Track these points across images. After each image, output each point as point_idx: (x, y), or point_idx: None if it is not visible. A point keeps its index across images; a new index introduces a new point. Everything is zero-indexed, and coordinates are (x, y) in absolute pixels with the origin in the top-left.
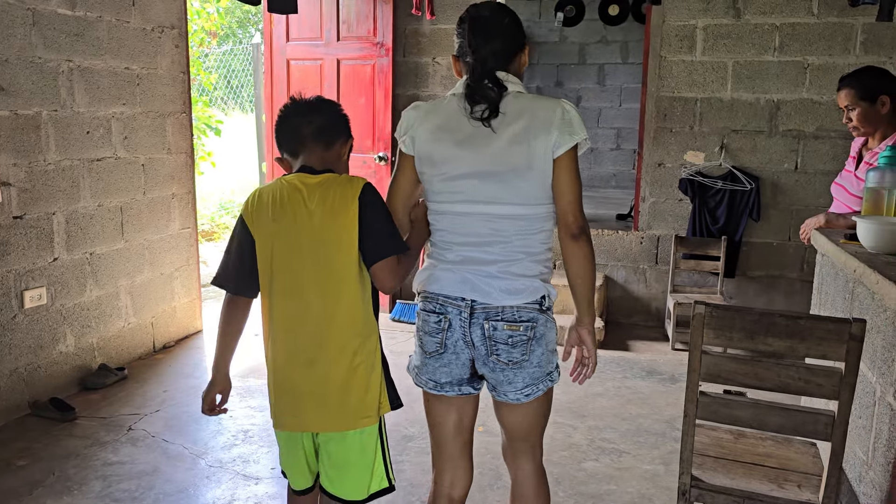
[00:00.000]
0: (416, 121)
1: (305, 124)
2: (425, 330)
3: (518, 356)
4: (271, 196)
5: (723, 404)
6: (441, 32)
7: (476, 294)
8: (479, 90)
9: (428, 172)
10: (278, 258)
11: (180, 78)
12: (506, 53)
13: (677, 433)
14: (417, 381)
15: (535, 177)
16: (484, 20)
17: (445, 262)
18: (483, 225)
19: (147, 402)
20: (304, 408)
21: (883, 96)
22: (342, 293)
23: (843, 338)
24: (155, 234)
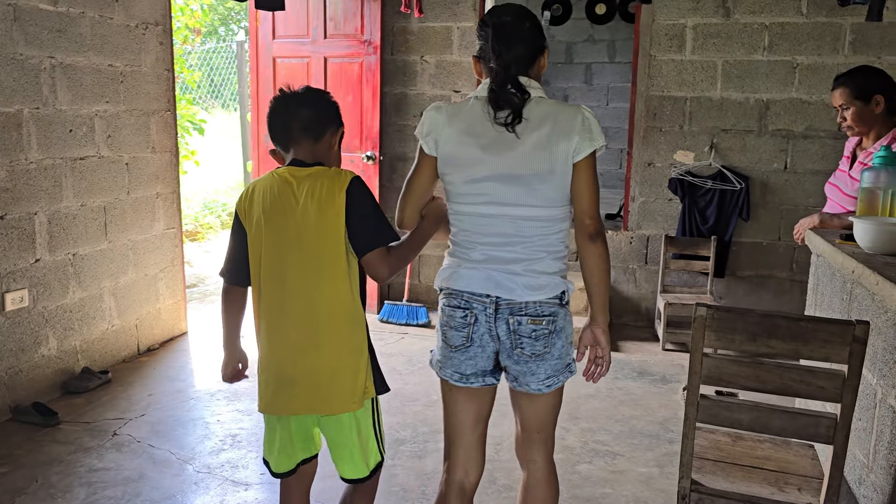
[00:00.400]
0: (439, 123)
1: (294, 118)
2: (450, 325)
3: (541, 349)
4: (263, 190)
5: (724, 407)
6: (429, 30)
7: (500, 291)
8: (503, 96)
9: (452, 175)
10: (268, 250)
11: (165, 75)
12: (527, 58)
13: (671, 435)
14: (441, 373)
15: (556, 180)
16: (507, 25)
17: (470, 261)
18: (507, 225)
19: (132, 406)
20: (295, 393)
21: (877, 96)
22: (330, 283)
23: (846, 340)
24: (139, 234)
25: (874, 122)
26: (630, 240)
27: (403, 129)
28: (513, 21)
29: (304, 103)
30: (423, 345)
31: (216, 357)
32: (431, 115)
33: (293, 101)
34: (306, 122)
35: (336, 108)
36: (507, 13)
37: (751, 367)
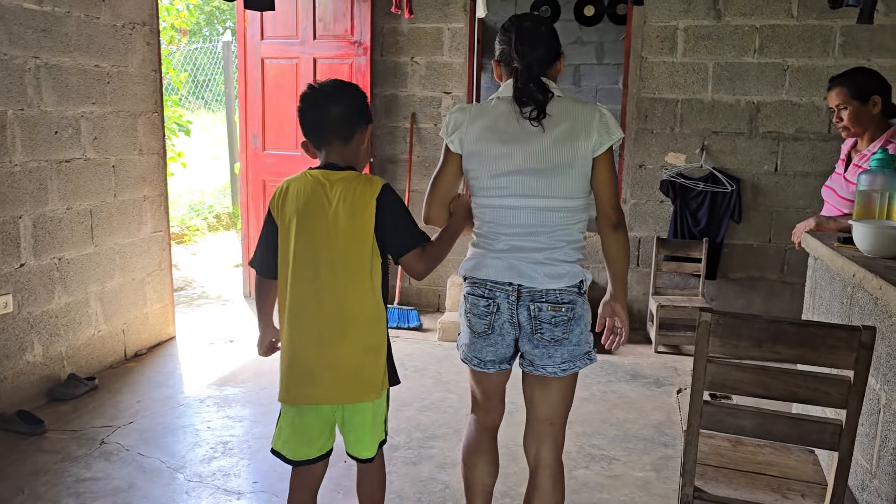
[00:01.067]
0: (464, 122)
1: (323, 119)
2: (474, 312)
3: (560, 334)
4: (296, 190)
5: (728, 413)
6: (420, 31)
7: (522, 279)
8: (528, 93)
9: (476, 170)
10: (299, 247)
11: (152, 76)
12: (547, 60)
13: (666, 438)
14: (465, 357)
15: (577, 173)
16: (528, 30)
17: (493, 251)
18: (529, 216)
19: (120, 413)
20: (319, 384)
21: (875, 96)
22: (356, 282)
23: (852, 346)
24: (126, 237)
25: (870, 123)
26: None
27: (394, 131)
28: (532, 26)
29: (332, 100)
30: (415, 348)
31: (205, 362)
32: (456, 115)
33: (322, 98)
34: (336, 122)
35: (365, 103)
36: (527, 19)
37: (755, 374)
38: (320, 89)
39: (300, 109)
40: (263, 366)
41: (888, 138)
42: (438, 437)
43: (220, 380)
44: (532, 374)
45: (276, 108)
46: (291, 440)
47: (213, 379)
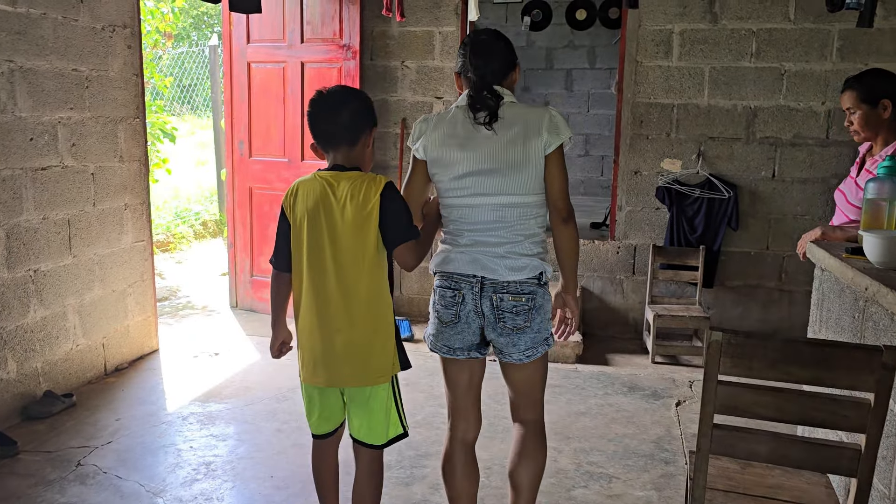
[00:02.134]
0: (426, 131)
1: (331, 124)
2: (442, 303)
3: (521, 323)
4: (305, 190)
5: (739, 438)
6: (410, 35)
7: (485, 272)
8: (480, 100)
9: (439, 173)
10: (310, 243)
11: (133, 81)
12: (501, 71)
13: (666, 454)
14: (433, 347)
15: (531, 170)
16: (483, 43)
17: (459, 246)
18: (489, 213)
19: (98, 432)
20: (334, 367)
21: (885, 100)
22: (363, 272)
23: (873, 367)
24: (106, 248)
25: (881, 127)
26: (617, 249)
27: (384, 136)
28: (487, 40)
29: (339, 107)
30: None
31: (189, 376)
32: (420, 126)
33: (330, 104)
34: (342, 128)
35: (370, 107)
36: (483, 34)
37: (770, 396)
38: (329, 95)
39: (310, 114)
40: (249, 380)
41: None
42: (431, 456)
43: (203, 395)
44: (502, 360)
45: (263, 113)
46: (314, 417)
47: (196, 394)
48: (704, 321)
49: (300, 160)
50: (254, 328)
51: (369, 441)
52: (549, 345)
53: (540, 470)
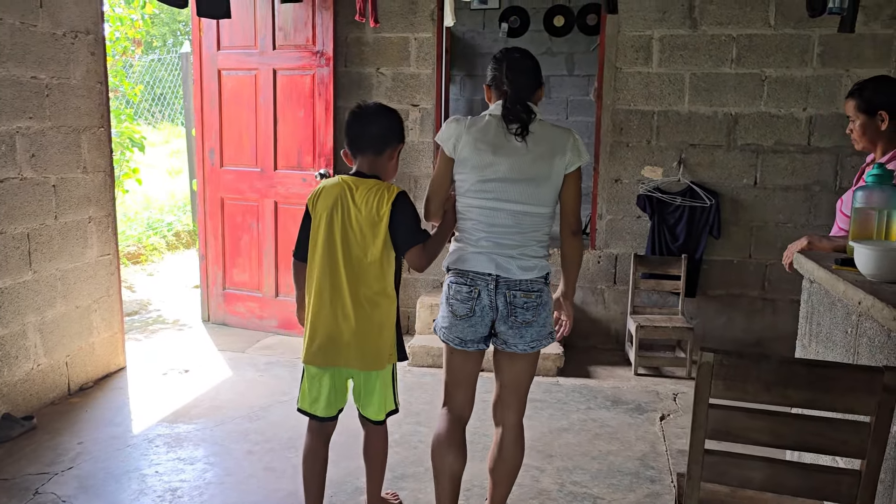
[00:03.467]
0: (459, 131)
1: (364, 134)
2: (457, 298)
3: (530, 317)
4: (328, 191)
5: (733, 464)
6: (385, 41)
7: (500, 271)
8: (515, 113)
9: (466, 174)
10: (327, 239)
11: (97, 89)
12: (531, 87)
13: (652, 472)
14: (445, 338)
15: (550, 186)
16: (517, 60)
17: (475, 246)
18: (508, 218)
19: (59, 457)
20: (336, 351)
21: (882, 112)
22: (371, 269)
23: (874, 389)
24: (69, 262)
25: (878, 137)
26: (598, 259)
27: None
28: (521, 58)
29: (373, 121)
30: None
31: (157, 395)
32: (452, 125)
33: (365, 118)
34: (372, 139)
35: (400, 126)
36: (516, 52)
37: (765, 420)
38: (365, 108)
39: (347, 124)
40: (220, 398)
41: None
42: (409, 477)
43: (171, 415)
44: (504, 351)
45: (235, 122)
46: (321, 401)
47: (164, 415)
48: (688, 331)
49: (273, 170)
50: (226, 343)
51: (370, 417)
52: (553, 339)
53: (516, 467)
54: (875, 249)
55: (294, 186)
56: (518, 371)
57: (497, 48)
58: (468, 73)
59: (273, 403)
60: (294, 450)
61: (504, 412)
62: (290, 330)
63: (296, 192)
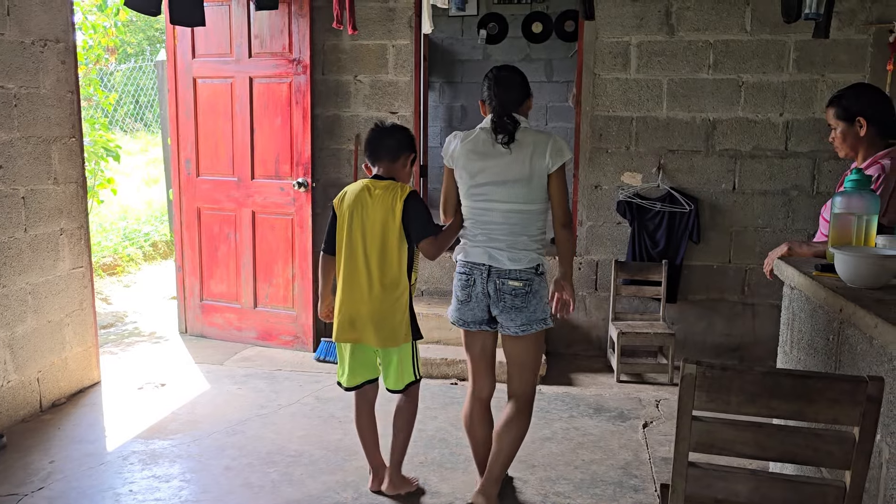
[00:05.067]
0: (455, 145)
1: (381, 144)
2: (459, 286)
3: (519, 303)
4: (352, 192)
5: (718, 477)
6: (363, 48)
7: (492, 261)
8: (501, 125)
9: (463, 181)
10: (349, 234)
11: (68, 98)
12: (517, 100)
13: (635, 481)
14: (452, 320)
15: (536, 185)
16: (503, 78)
17: (474, 241)
18: (498, 216)
19: (29, 476)
20: (359, 330)
21: (860, 118)
22: (388, 259)
23: (858, 399)
24: (40, 276)
25: (858, 143)
26: (579, 266)
27: (338, 153)
28: (507, 75)
29: (389, 135)
30: None
31: (132, 410)
32: (452, 141)
33: (383, 133)
34: (388, 148)
35: (411, 139)
36: (504, 70)
37: (749, 432)
38: (382, 126)
39: (368, 140)
40: (197, 412)
41: (876, 159)
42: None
43: (147, 431)
44: (503, 333)
45: (211, 130)
46: (345, 372)
47: (139, 430)
48: (669, 337)
49: (250, 179)
50: (204, 355)
51: (389, 387)
52: (547, 324)
53: (519, 436)
54: (855, 256)
55: (272, 196)
56: (517, 350)
57: (476, 54)
58: (447, 80)
59: (251, 417)
60: (273, 464)
61: (512, 385)
62: (268, 341)
63: (273, 202)
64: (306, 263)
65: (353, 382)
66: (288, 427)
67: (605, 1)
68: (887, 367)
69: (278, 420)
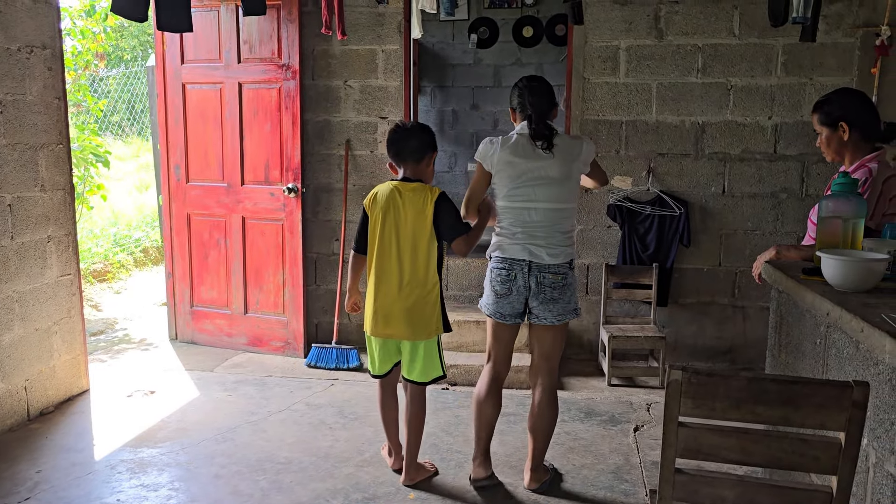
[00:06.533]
0: (494, 149)
1: (405, 147)
2: (499, 280)
3: (557, 295)
4: (382, 194)
5: (704, 483)
6: (353, 54)
7: (532, 257)
8: (539, 131)
9: (503, 182)
10: (382, 234)
11: (55, 105)
12: (549, 109)
13: (626, 486)
14: (489, 313)
15: (572, 185)
16: (536, 87)
17: (512, 238)
18: (537, 215)
19: (15, 487)
20: (392, 324)
21: (843, 123)
22: (417, 257)
23: (844, 404)
24: (27, 284)
25: (843, 148)
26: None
27: (328, 158)
28: (539, 85)
29: (412, 136)
30: (354, 392)
31: (121, 418)
32: (487, 145)
33: (406, 134)
34: (413, 150)
35: (432, 138)
36: (535, 80)
37: (735, 438)
38: (404, 127)
39: (390, 140)
40: (187, 419)
41: (864, 163)
42: (380, 498)
43: (135, 439)
44: (537, 324)
45: (201, 136)
46: (376, 362)
47: (128, 439)
48: (660, 341)
49: (240, 185)
50: (194, 362)
51: (414, 379)
52: (578, 314)
53: (551, 423)
54: (842, 259)
55: (262, 201)
56: (549, 338)
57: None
58: (439, 84)
59: (241, 424)
60: (263, 472)
61: (538, 376)
62: (259, 347)
63: (264, 207)
64: (297, 269)
65: (383, 370)
66: (278, 434)
67: (594, 5)
68: (873, 372)
69: (268, 427)
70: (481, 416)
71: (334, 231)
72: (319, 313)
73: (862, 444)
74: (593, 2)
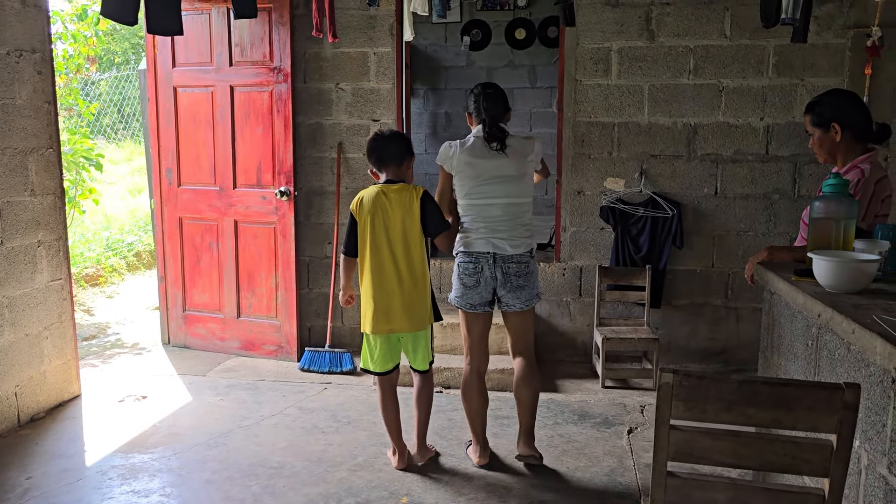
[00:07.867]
0: (454, 151)
1: (386, 152)
2: (466, 273)
3: (522, 282)
4: (368, 198)
5: (697, 486)
6: (344, 56)
7: (496, 249)
8: (493, 134)
9: (464, 182)
10: (372, 235)
11: (45, 109)
12: (502, 112)
13: (620, 489)
14: (459, 304)
15: (526, 181)
16: (490, 94)
17: (476, 233)
18: (498, 210)
19: (5, 494)
20: (393, 319)
21: (835, 124)
22: (412, 253)
23: (835, 407)
24: (17, 289)
25: (835, 149)
26: (563, 272)
27: (320, 161)
28: (494, 92)
29: (392, 142)
30: (347, 395)
31: (112, 423)
32: (447, 148)
33: (386, 141)
34: (394, 155)
35: (409, 143)
36: (490, 87)
37: (727, 441)
38: (383, 135)
39: (371, 147)
40: (178, 424)
41: (856, 164)
42: (373, 502)
43: (127, 445)
44: (506, 311)
45: (192, 140)
46: (377, 360)
47: (119, 444)
48: (653, 342)
49: (232, 188)
50: (186, 366)
51: (418, 368)
52: (541, 298)
53: (535, 391)
54: (833, 260)
55: (254, 205)
56: (520, 322)
57: (460, 61)
58: (431, 87)
59: (234, 429)
60: (255, 477)
61: (518, 348)
62: (252, 351)
63: (256, 211)
64: (290, 272)
65: (384, 368)
66: (270, 438)
67: (585, 7)
68: (865, 373)
69: (261, 431)
70: (471, 406)
71: (327, 234)
72: (312, 317)
73: (854, 446)
74: (585, 4)
